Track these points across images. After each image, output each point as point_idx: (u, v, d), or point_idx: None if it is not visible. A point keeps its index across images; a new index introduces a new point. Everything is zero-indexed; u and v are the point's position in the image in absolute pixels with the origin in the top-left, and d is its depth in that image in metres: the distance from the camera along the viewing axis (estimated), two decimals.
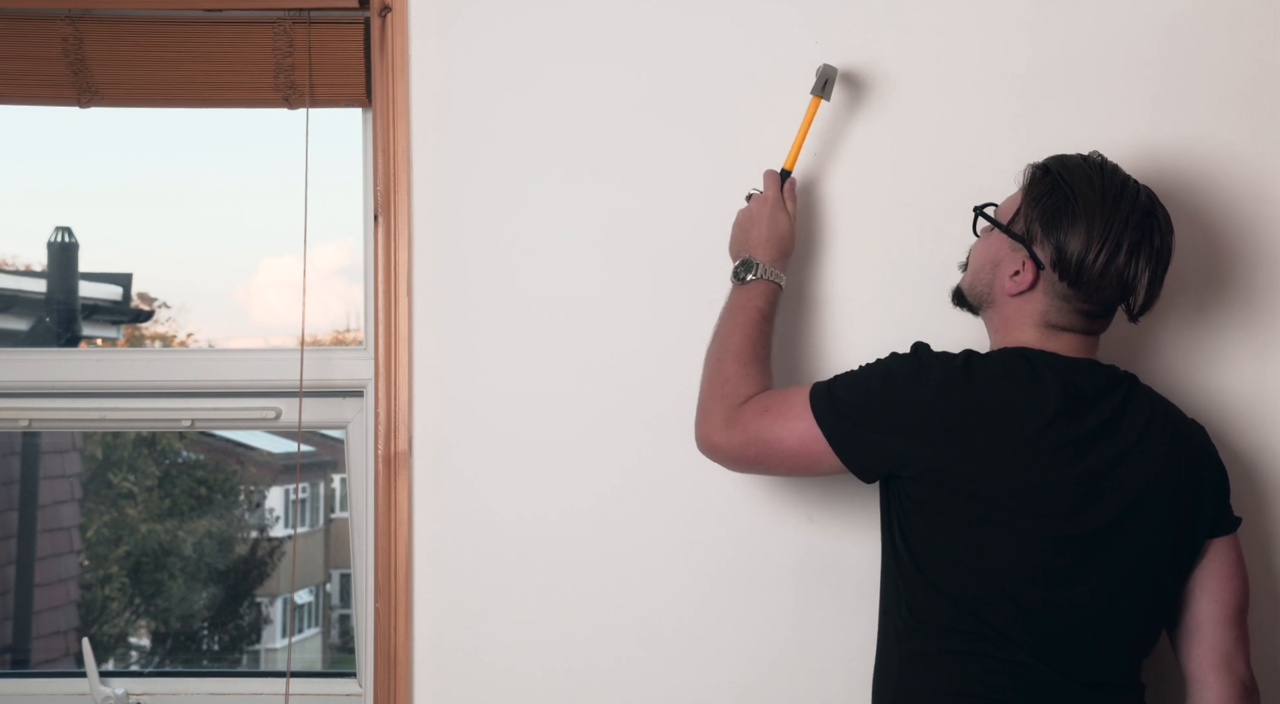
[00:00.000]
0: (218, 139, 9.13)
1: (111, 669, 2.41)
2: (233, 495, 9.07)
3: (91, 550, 7.81)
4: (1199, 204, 2.01)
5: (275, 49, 2.07)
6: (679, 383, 1.99)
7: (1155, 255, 1.66)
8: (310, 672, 7.45)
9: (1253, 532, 2.00)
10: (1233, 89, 2.01)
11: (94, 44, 2.08)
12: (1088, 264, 1.64)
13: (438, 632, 2.05)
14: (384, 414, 2.05)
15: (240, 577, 8.81)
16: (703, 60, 2.03)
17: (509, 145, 2.05)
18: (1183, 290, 2.00)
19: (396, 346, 2.05)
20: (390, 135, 2.05)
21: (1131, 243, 1.64)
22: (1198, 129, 2.01)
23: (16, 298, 4.99)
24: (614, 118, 2.04)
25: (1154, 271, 1.67)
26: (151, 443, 8.31)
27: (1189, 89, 2.01)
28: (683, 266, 2.02)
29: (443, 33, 2.06)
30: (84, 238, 4.93)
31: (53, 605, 5.25)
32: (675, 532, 2.02)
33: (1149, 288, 1.67)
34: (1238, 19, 2.01)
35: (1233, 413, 2.00)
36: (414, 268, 2.06)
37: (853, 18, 2.02)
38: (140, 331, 8.22)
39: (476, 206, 2.06)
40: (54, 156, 9.09)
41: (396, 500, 2.05)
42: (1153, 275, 1.67)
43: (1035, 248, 1.68)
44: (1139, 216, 1.66)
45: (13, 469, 4.91)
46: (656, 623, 2.02)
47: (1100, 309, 1.70)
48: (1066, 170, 1.69)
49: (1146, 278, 1.66)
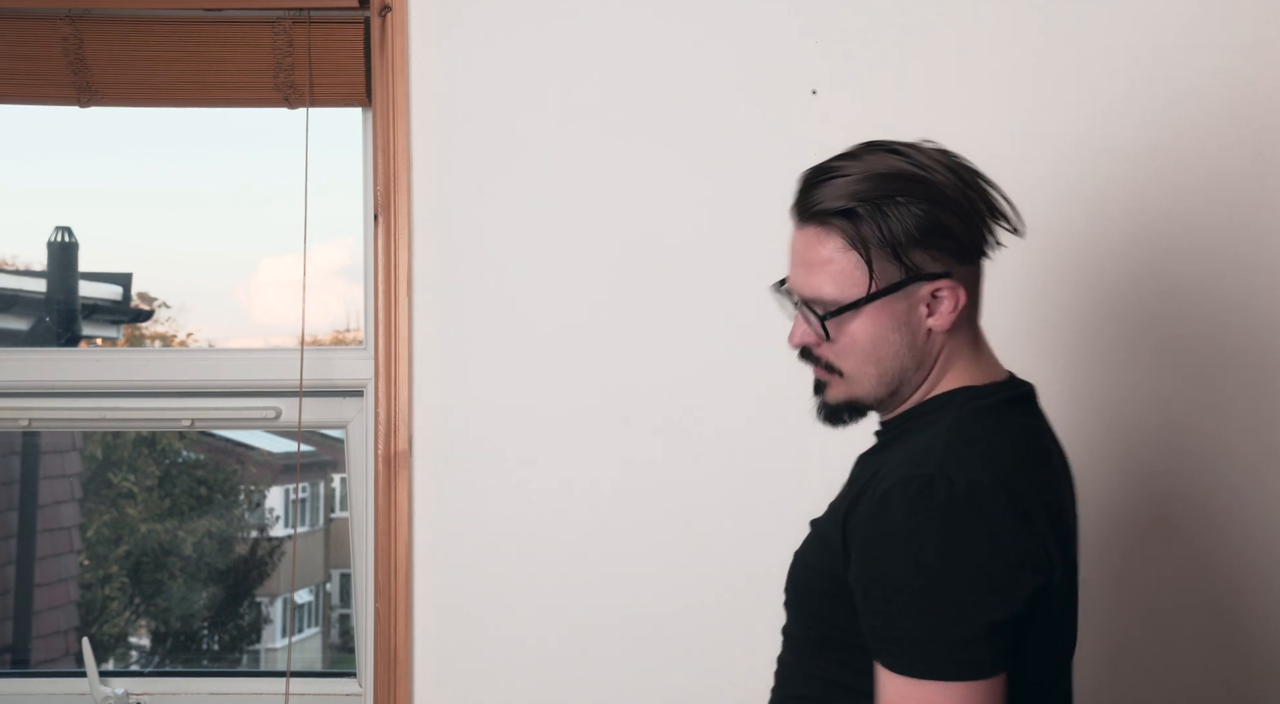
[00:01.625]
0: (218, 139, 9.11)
1: (111, 669, 2.40)
2: (233, 495, 9.06)
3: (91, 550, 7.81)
4: (1199, 204, 2.01)
5: (275, 49, 2.07)
6: (679, 382, 1.99)
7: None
8: (310, 671, 7.44)
9: (1254, 531, 2.00)
10: (1233, 89, 2.01)
11: (94, 44, 2.08)
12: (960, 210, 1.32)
13: (438, 632, 2.05)
14: (384, 414, 2.05)
15: (240, 576, 8.80)
16: (705, 60, 2.03)
17: (509, 145, 2.05)
18: (1183, 290, 2.01)
19: (396, 346, 2.05)
20: (390, 135, 2.05)
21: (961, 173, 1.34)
22: (1198, 129, 2.01)
23: (16, 298, 4.98)
24: (616, 117, 2.04)
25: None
26: (151, 443, 8.30)
27: (1190, 89, 2.01)
28: (683, 266, 2.03)
29: (443, 32, 2.06)
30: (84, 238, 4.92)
31: (53, 605, 5.24)
32: (674, 530, 2.02)
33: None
34: (1238, 19, 2.01)
35: (1234, 412, 2.00)
36: (414, 268, 2.06)
37: (852, 21, 2.02)
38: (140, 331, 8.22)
39: (476, 206, 2.06)
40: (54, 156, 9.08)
41: (396, 500, 2.04)
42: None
43: (924, 260, 1.31)
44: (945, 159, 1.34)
45: (13, 469, 4.90)
46: (655, 622, 2.02)
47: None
48: (868, 177, 1.32)
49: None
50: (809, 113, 2.00)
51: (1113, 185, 2.00)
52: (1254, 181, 2.01)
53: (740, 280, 2.01)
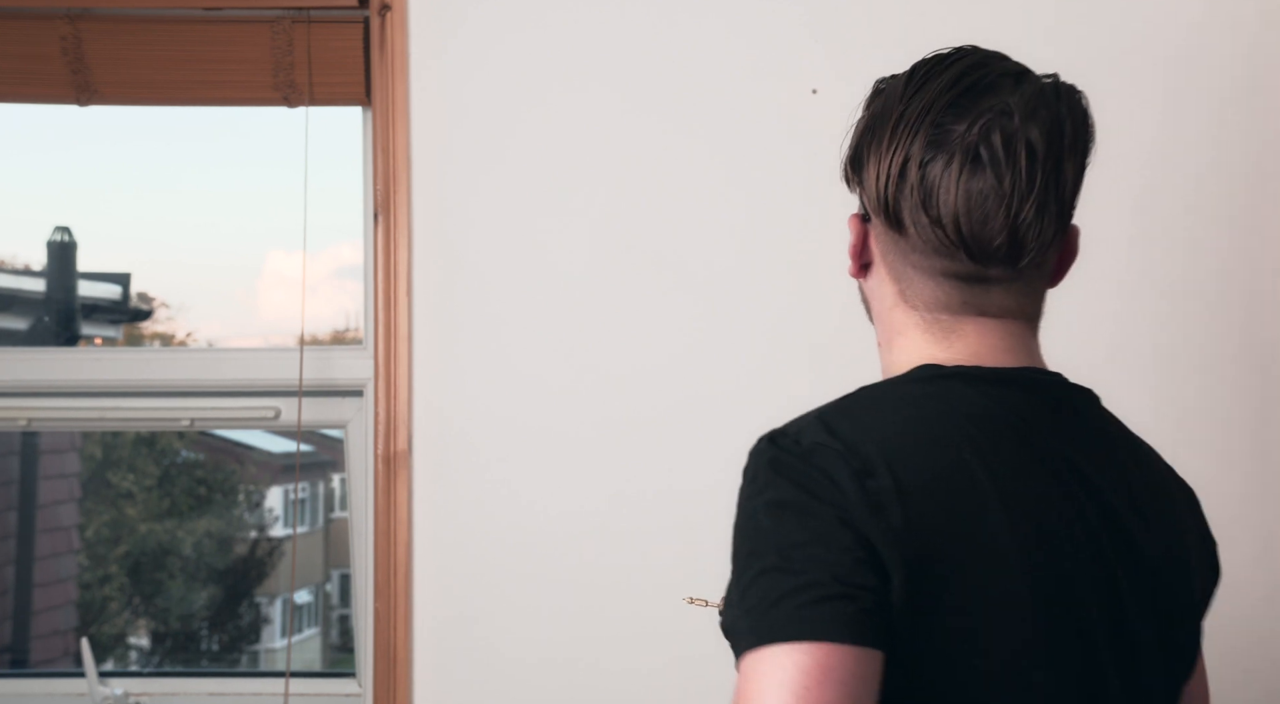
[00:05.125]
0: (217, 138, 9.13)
1: (111, 669, 2.40)
2: (232, 495, 9.07)
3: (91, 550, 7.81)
4: (1198, 203, 2.01)
5: (274, 48, 2.06)
6: (679, 383, 1.98)
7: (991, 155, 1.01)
8: (310, 672, 7.45)
9: (1253, 531, 2.00)
10: (1233, 89, 2.01)
11: (93, 43, 2.08)
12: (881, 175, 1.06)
13: (438, 632, 2.05)
14: (383, 414, 2.05)
15: (240, 576, 8.81)
16: (706, 60, 2.02)
17: (509, 144, 2.05)
18: (1183, 290, 2.01)
19: (396, 346, 2.05)
20: (390, 135, 2.05)
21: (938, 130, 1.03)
22: (1199, 129, 2.01)
23: (16, 297, 4.99)
24: (616, 117, 2.04)
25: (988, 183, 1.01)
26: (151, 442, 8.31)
27: (1189, 89, 2.01)
28: (684, 265, 2.02)
29: (443, 32, 2.06)
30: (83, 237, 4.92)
31: (52, 605, 5.24)
32: (675, 531, 2.02)
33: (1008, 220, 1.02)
34: (1238, 19, 2.01)
35: (1235, 412, 2.00)
36: (414, 267, 2.05)
37: (857, 20, 2.02)
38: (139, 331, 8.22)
39: (476, 206, 2.06)
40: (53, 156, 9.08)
41: (396, 500, 2.04)
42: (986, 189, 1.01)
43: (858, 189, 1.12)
44: (954, 96, 1.03)
45: (12, 469, 4.91)
46: (656, 623, 2.02)
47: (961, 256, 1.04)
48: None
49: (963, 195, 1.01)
50: (810, 113, 2.00)
51: (1113, 185, 2.00)
52: (1255, 181, 2.01)
53: (740, 281, 2.01)
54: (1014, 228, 1.02)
